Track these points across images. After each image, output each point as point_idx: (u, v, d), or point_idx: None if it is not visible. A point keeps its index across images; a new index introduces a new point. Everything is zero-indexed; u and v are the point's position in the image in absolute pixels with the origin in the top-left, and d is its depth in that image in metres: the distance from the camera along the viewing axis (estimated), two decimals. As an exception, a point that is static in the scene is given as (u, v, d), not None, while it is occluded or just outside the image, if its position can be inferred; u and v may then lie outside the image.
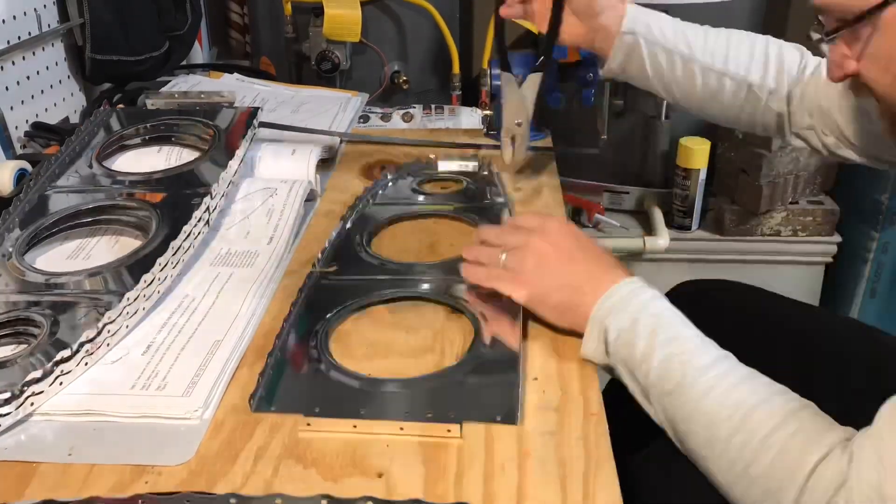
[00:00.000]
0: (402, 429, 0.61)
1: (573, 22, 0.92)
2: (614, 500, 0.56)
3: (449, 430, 0.61)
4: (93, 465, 0.60)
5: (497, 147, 1.16)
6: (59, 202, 0.90)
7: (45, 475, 0.59)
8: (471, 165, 1.06)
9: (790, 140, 0.94)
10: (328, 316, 0.76)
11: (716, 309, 0.97)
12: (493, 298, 0.75)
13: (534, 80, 0.93)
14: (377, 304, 0.78)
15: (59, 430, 0.64)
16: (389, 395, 0.66)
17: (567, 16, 0.91)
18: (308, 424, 0.62)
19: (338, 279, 0.82)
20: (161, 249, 0.79)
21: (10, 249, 0.81)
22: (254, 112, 1.04)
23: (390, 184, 1.04)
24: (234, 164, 0.94)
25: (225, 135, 1.00)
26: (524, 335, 0.73)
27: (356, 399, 0.65)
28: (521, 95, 0.93)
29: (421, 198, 1.00)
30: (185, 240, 0.82)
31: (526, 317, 0.75)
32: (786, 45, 0.92)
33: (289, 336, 0.73)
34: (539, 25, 0.93)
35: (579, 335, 0.70)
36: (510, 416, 0.62)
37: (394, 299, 0.79)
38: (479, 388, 0.66)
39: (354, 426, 0.62)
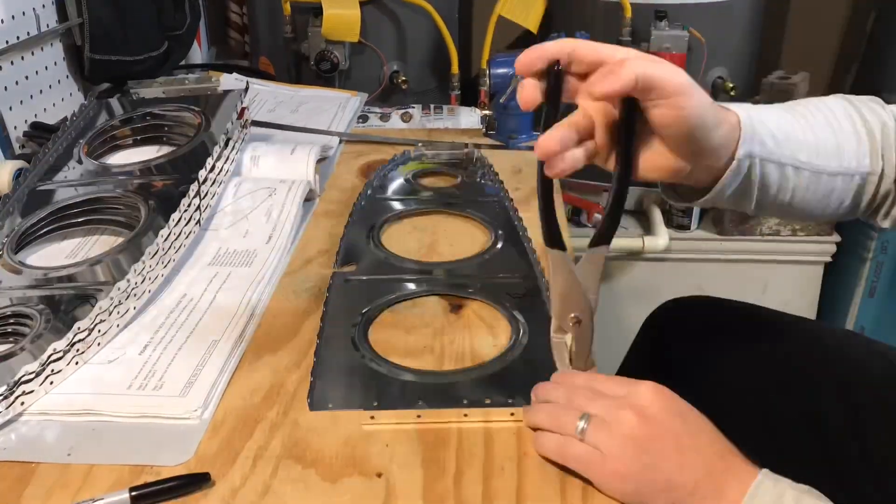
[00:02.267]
0: (465, 415, 0.63)
1: (665, 155, 0.60)
2: (613, 501, 0.56)
3: (512, 414, 0.62)
4: (92, 465, 0.60)
5: (496, 147, 1.16)
6: (48, 198, 0.90)
7: (44, 475, 0.59)
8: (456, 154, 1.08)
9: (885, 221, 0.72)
10: (363, 313, 0.76)
11: (701, 329, 0.94)
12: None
13: (596, 260, 0.61)
14: (402, 301, 0.79)
15: (58, 430, 0.63)
16: (443, 385, 0.67)
17: (652, 149, 0.60)
18: (372, 417, 0.63)
19: (358, 278, 0.83)
20: (150, 239, 0.79)
21: (2, 245, 0.82)
22: (240, 92, 1.04)
23: (385, 176, 1.05)
24: (220, 145, 0.94)
25: (212, 117, 1.01)
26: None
27: (412, 391, 0.66)
28: (576, 279, 0.61)
29: (419, 193, 1.01)
30: (175, 226, 0.82)
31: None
32: (867, 101, 0.71)
33: (329, 335, 0.73)
34: (607, 164, 0.62)
35: None
36: None
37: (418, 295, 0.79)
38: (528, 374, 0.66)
39: (418, 416, 0.63)
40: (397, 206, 0.98)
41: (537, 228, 0.80)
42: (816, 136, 0.67)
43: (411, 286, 0.81)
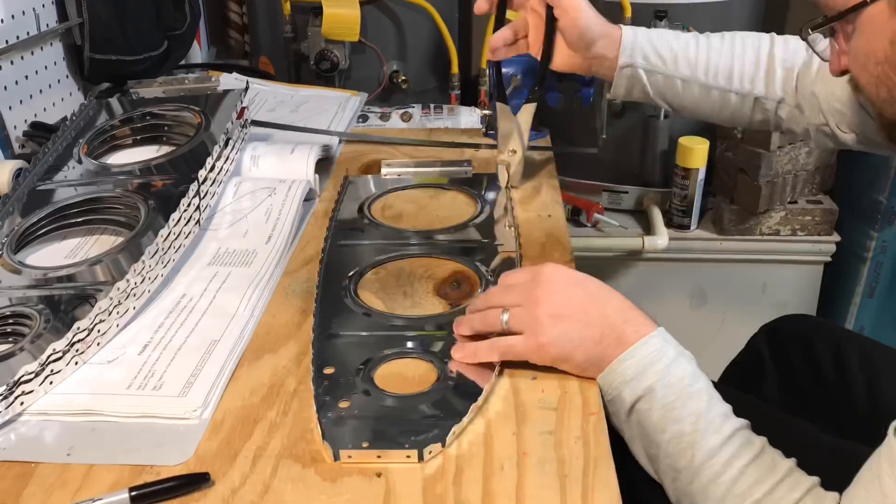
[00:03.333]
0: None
1: (568, 52, 0.91)
2: (613, 500, 0.56)
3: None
4: (91, 465, 0.60)
5: (496, 146, 1.16)
6: (48, 198, 0.90)
7: (44, 475, 0.59)
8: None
9: (805, 138, 0.93)
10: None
11: (809, 357, 0.95)
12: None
13: (528, 110, 0.92)
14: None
15: (58, 430, 0.63)
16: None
17: (561, 46, 0.90)
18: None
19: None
20: (150, 239, 0.79)
21: (1, 245, 0.82)
22: (241, 92, 1.04)
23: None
24: (220, 145, 0.94)
25: (212, 117, 1.00)
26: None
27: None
28: (516, 125, 0.93)
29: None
30: (175, 226, 0.82)
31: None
32: (792, 40, 0.90)
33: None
34: (535, 54, 0.93)
35: None
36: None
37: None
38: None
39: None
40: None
41: (532, 240, 0.79)
42: (710, 56, 0.89)
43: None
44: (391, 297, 0.79)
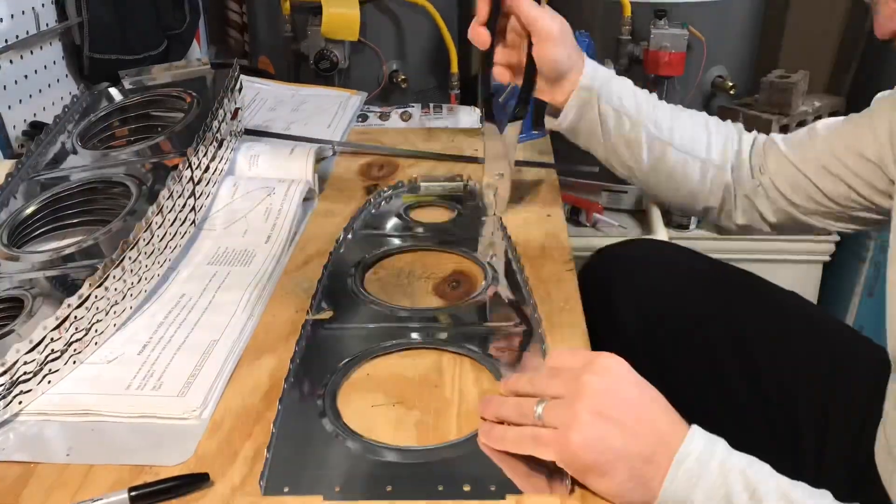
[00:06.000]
0: None
1: (541, 81, 0.88)
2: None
3: None
4: (91, 465, 0.60)
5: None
6: (43, 187, 0.90)
7: (43, 475, 0.59)
8: (454, 186, 1.01)
9: (733, 219, 0.98)
10: (333, 372, 0.67)
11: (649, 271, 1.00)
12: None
13: (514, 130, 0.87)
14: (384, 355, 0.70)
15: (57, 430, 0.63)
16: (418, 466, 0.57)
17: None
18: None
19: (337, 327, 0.74)
20: (142, 215, 0.78)
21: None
22: (234, 70, 1.04)
23: (373, 210, 0.97)
24: (211, 121, 0.93)
25: (205, 96, 1.01)
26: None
27: (381, 473, 0.57)
28: (502, 146, 0.88)
29: (410, 230, 0.93)
30: (171, 226, 0.82)
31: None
32: (730, 125, 0.93)
33: (292, 400, 0.64)
34: (516, 79, 0.89)
35: None
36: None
37: (408, 348, 0.71)
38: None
39: None
40: (385, 243, 0.89)
41: (531, 240, 0.78)
42: (657, 112, 0.89)
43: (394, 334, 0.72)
44: (391, 296, 0.79)
